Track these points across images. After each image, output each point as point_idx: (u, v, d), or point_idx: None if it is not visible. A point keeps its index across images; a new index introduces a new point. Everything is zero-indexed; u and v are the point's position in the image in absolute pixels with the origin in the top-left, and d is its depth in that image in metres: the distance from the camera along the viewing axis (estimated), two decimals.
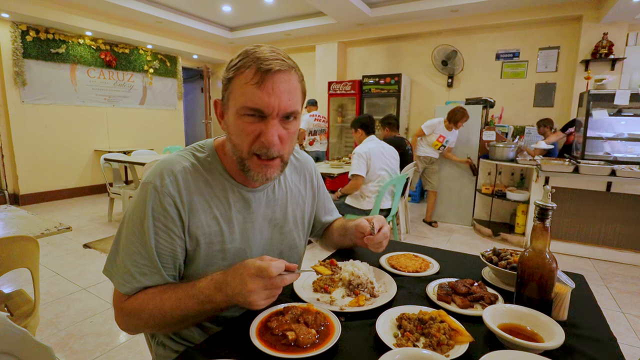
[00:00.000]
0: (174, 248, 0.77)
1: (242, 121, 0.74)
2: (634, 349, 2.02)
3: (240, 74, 0.73)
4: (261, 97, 0.71)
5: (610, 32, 4.28)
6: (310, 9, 5.32)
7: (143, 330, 0.81)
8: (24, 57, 4.74)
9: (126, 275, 0.75)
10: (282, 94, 0.72)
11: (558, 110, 4.81)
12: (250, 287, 0.67)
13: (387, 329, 0.71)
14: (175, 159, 0.81)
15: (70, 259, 3.13)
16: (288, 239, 0.96)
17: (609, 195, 3.23)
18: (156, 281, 0.76)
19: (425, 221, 4.45)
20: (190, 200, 0.78)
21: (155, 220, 0.75)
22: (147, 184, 0.77)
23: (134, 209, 0.77)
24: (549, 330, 0.66)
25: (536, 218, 0.74)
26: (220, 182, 0.83)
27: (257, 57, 0.71)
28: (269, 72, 0.71)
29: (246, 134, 0.74)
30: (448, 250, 1.19)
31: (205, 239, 0.80)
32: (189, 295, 0.72)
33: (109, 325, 2.14)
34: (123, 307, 0.76)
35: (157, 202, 0.75)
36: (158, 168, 0.79)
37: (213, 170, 0.83)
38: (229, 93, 0.75)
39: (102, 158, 4.14)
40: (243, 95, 0.72)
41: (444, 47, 5.33)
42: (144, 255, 0.75)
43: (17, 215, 1.70)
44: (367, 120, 3.09)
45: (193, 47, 6.57)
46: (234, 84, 0.74)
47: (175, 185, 0.77)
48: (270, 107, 0.72)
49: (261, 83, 0.71)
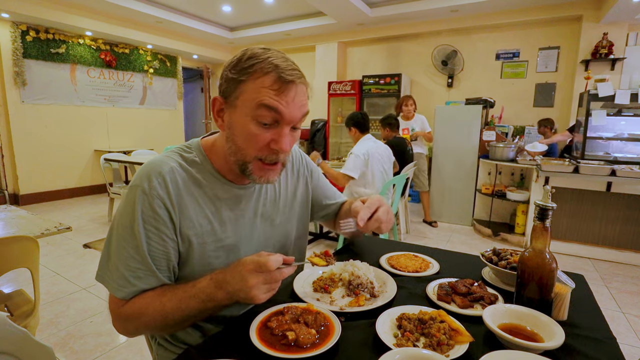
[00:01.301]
0: (167, 250, 0.76)
1: (254, 126, 0.73)
2: (634, 349, 2.02)
3: (256, 78, 0.72)
4: (279, 104, 0.72)
5: (610, 32, 4.28)
6: (310, 9, 5.32)
7: (143, 332, 0.81)
8: (24, 57, 4.74)
9: (121, 280, 0.74)
10: (298, 105, 0.74)
11: (558, 110, 4.81)
12: (250, 282, 0.68)
13: (387, 329, 0.71)
14: (162, 160, 0.80)
15: (70, 259, 3.13)
16: (281, 233, 0.97)
17: (609, 195, 3.23)
18: (152, 284, 0.75)
19: (425, 221, 4.46)
20: (180, 201, 0.77)
21: (145, 223, 0.74)
22: (135, 187, 0.75)
23: (123, 214, 0.75)
24: (549, 330, 0.66)
25: (536, 218, 0.74)
26: (209, 180, 0.82)
27: (276, 65, 0.72)
28: (291, 83, 0.72)
29: (257, 140, 0.74)
30: (448, 250, 1.19)
31: (197, 239, 0.79)
32: (189, 296, 0.72)
33: (109, 325, 2.13)
34: (120, 312, 0.75)
35: (146, 205, 0.74)
36: (145, 170, 0.77)
37: (201, 169, 0.82)
38: (239, 94, 0.74)
39: (102, 158, 4.14)
40: (260, 100, 0.71)
41: (444, 47, 5.33)
42: (137, 259, 0.74)
43: (17, 215, 1.70)
44: (360, 117, 2.96)
45: (193, 47, 6.57)
46: (247, 87, 0.73)
47: (164, 186, 0.76)
48: (288, 116, 0.73)
49: (282, 92, 0.72)
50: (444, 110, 4.45)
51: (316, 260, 0.82)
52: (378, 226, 0.90)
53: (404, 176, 3.17)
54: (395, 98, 5.47)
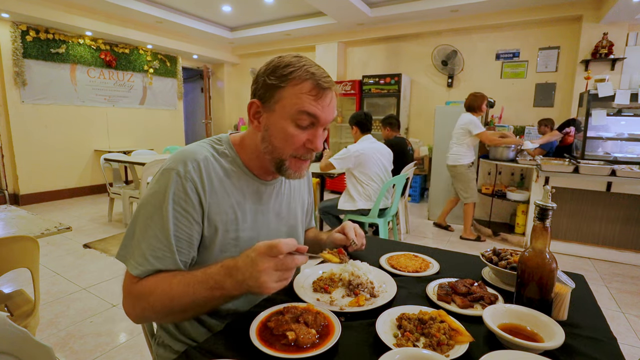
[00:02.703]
0: (191, 233, 0.79)
1: (293, 128, 0.80)
2: (634, 349, 2.02)
3: (294, 84, 0.79)
4: (316, 108, 0.79)
5: (610, 32, 4.28)
6: (310, 9, 5.32)
7: (149, 316, 0.80)
8: (24, 57, 4.73)
9: (140, 258, 0.75)
10: (332, 109, 0.83)
11: (558, 110, 4.81)
12: (260, 266, 0.66)
13: (387, 329, 0.71)
14: (197, 148, 0.85)
15: (70, 259, 3.13)
16: (292, 232, 1.01)
17: (609, 195, 3.23)
18: (168, 265, 0.76)
19: (436, 224, 4.24)
20: (211, 187, 0.81)
21: (175, 204, 0.77)
22: (169, 170, 0.78)
23: (154, 194, 0.78)
24: (549, 330, 0.66)
25: (536, 218, 0.74)
26: (237, 172, 0.88)
27: (313, 73, 0.79)
28: (327, 89, 0.80)
29: (295, 140, 0.81)
30: (448, 250, 1.19)
31: (222, 226, 0.83)
32: (198, 281, 0.72)
33: (109, 325, 2.14)
34: (132, 289, 0.76)
35: (179, 187, 0.77)
36: (180, 155, 0.81)
37: (231, 161, 0.88)
38: (278, 99, 0.80)
39: (102, 158, 4.14)
40: (301, 105, 0.78)
41: (444, 47, 5.33)
42: (161, 238, 0.76)
43: (17, 215, 1.70)
44: (362, 118, 3.01)
45: (193, 47, 6.57)
46: (287, 92, 0.79)
47: (198, 171, 0.80)
48: (323, 119, 0.81)
49: (319, 97, 0.79)
50: (444, 110, 4.45)
51: (329, 256, 0.83)
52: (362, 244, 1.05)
53: (404, 176, 3.17)
54: (396, 98, 5.48)
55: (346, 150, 2.89)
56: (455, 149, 3.68)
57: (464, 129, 3.59)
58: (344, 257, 0.85)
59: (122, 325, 2.15)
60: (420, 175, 5.56)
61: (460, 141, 3.65)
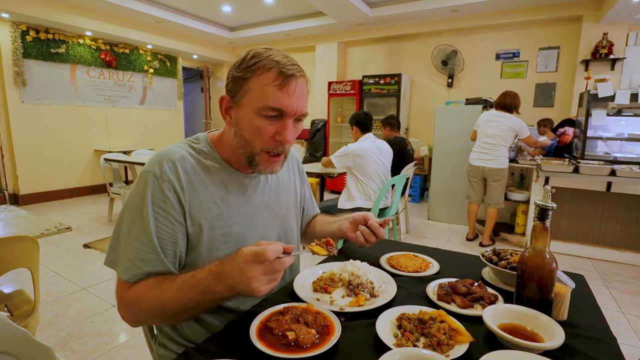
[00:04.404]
0: (174, 233, 0.78)
1: (260, 121, 0.78)
2: (634, 349, 2.02)
3: (259, 75, 0.77)
4: (282, 98, 0.77)
5: (610, 32, 4.28)
6: (310, 9, 5.32)
7: (144, 320, 0.81)
8: (24, 57, 4.73)
9: (127, 262, 0.75)
10: (299, 98, 0.79)
11: (558, 110, 4.81)
12: (249, 274, 0.65)
13: (387, 329, 0.71)
14: (173, 148, 0.84)
15: (70, 259, 3.13)
16: (284, 224, 1.00)
17: (609, 195, 3.23)
18: (156, 267, 0.76)
19: (482, 244, 3.66)
20: (190, 185, 0.81)
21: (154, 205, 0.77)
22: (146, 173, 0.79)
23: (133, 198, 0.78)
24: (549, 330, 0.66)
25: (536, 218, 0.74)
26: (217, 168, 0.87)
27: (277, 61, 0.77)
28: (291, 77, 0.77)
29: (262, 133, 0.79)
30: (448, 250, 1.19)
31: (207, 222, 0.82)
32: (187, 286, 0.72)
33: (109, 325, 2.14)
34: (124, 296, 0.76)
35: (156, 188, 0.77)
36: (156, 157, 0.81)
37: (209, 157, 0.87)
38: (244, 92, 0.78)
39: (102, 158, 4.14)
40: (265, 96, 0.76)
41: (444, 47, 5.33)
42: (144, 240, 0.75)
43: (17, 215, 1.70)
44: (362, 117, 3.01)
45: (193, 47, 6.56)
46: (252, 84, 0.77)
47: (174, 171, 0.79)
48: (290, 109, 0.78)
49: (283, 86, 0.76)
50: (444, 110, 4.44)
51: (316, 248, 0.79)
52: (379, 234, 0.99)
53: (404, 176, 3.16)
54: (396, 98, 5.48)
55: (346, 148, 2.90)
56: (503, 151, 3.44)
57: (512, 130, 3.39)
58: (332, 249, 0.80)
59: (122, 325, 2.14)
60: (420, 175, 5.55)
61: (508, 143, 3.44)
